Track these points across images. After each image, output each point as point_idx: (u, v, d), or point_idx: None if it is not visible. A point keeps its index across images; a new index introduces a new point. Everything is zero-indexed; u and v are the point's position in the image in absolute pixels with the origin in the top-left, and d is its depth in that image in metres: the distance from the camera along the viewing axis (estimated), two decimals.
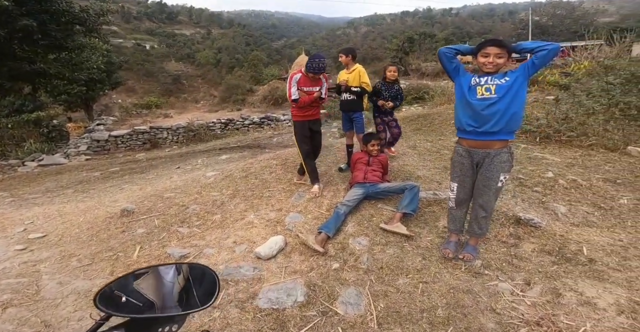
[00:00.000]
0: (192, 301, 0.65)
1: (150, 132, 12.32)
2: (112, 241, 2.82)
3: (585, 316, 1.72)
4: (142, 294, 0.61)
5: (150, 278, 0.64)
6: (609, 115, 5.35)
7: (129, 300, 0.59)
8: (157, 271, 0.66)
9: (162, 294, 0.64)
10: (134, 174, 6.31)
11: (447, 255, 2.27)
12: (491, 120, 1.94)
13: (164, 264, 0.67)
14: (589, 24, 26.85)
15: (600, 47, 10.91)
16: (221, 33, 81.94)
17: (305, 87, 3.20)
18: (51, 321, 1.91)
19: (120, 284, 0.60)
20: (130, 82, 34.01)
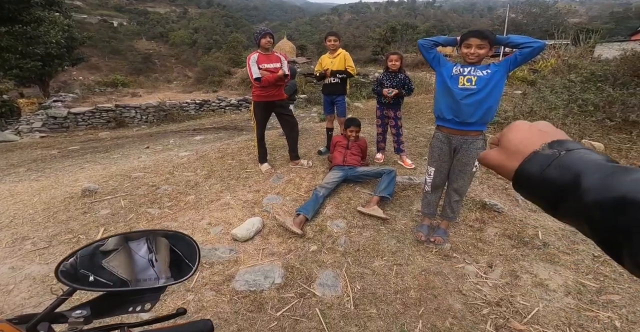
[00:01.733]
0: (169, 275, 0.59)
1: (115, 110, 11.52)
2: (72, 222, 2.61)
3: (538, 297, 1.85)
4: (113, 272, 0.54)
5: (121, 255, 0.57)
6: (568, 110, 5.71)
7: (98, 279, 0.52)
8: (128, 247, 0.58)
9: (135, 270, 0.56)
10: (96, 153, 5.87)
11: (420, 238, 2.34)
12: (468, 111, 2.00)
13: (133, 232, 0.59)
14: (560, 24, 28.21)
15: (567, 47, 11.52)
16: (199, 13, 77.47)
17: (265, 64, 3.13)
18: (3, 308, 1.75)
19: (85, 263, 0.52)
20: (94, 60, 31.47)
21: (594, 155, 0.33)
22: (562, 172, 0.33)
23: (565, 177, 0.32)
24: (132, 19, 61.28)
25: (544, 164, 0.34)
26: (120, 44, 39.67)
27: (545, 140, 0.36)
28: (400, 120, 3.53)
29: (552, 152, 0.34)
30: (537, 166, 0.35)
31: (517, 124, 0.40)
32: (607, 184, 0.29)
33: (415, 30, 37.57)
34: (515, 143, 0.38)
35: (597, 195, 0.29)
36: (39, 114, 10.97)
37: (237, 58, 27.14)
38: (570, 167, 0.32)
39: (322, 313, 1.74)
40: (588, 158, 0.32)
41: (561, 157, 0.34)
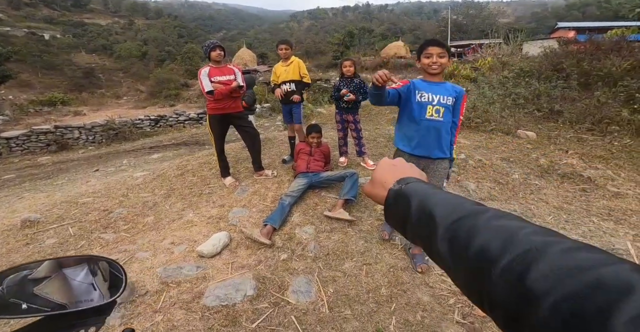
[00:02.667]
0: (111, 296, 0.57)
1: (55, 132, 10.47)
2: (14, 255, 2.35)
3: None
4: (48, 298, 0.51)
5: (55, 282, 0.54)
6: (504, 104, 6.33)
7: (32, 306, 0.49)
8: (62, 274, 0.55)
9: (73, 295, 0.54)
10: (36, 181, 5.31)
11: (384, 237, 2.44)
12: (431, 141, 1.96)
13: (36, 261, 0.56)
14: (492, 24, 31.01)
15: (500, 45, 12.75)
16: (147, 24, 73.69)
17: (218, 77, 3.08)
18: None
19: (14, 292, 0.49)
20: (25, 76, 28.44)
21: (419, 185, 0.45)
22: (402, 200, 0.44)
23: (403, 204, 0.43)
24: (66, 31, 56.47)
25: (394, 196, 0.46)
26: (55, 58, 36.24)
27: (396, 177, 0.48)
28: (359, 123, 3.66)
29: (398, 187, 0.46)
30: (391, 199, 0.46)
31: (380, 162, 0.54)
32: (421, 207, 0.40)
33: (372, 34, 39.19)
34: (377, 177, 0.51)
35: (416, 218, 0.40)
36: None
37: (193, 69, 26.25)
38: (405, 196, 0.43)
39: (298, 320, 1.74)
40: (415, 188, 0.44)
41: (402, 189, 0.45)
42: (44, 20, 59.16)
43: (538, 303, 0.24)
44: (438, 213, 0.38)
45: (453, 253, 0.34)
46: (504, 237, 0.30)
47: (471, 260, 0.32)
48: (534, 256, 0.27)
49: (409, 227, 0.42)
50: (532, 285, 0.25)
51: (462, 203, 0.38)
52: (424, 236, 0.39)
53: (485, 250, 0.31)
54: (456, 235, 0.34)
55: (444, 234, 0.36)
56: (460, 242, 0.33)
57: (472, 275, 0.32)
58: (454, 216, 0.36)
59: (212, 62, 3.13)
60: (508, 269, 0.28)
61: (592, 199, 3.08)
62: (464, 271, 0.33)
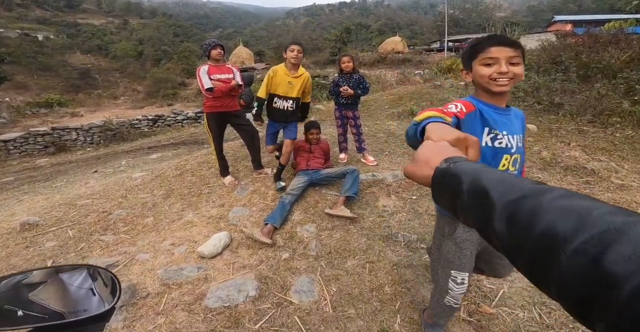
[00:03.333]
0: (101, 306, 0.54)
1: (53, 133, 10.44)
2: (14, 258, 2.33)
3: (502, 280, 1.97)
4: (44, 305, 0.49)
5: (51, 287, 0.51)
6: None
7: (28, 313, 0.46)
8: (59, 279, 0.53)
9: (71, 301, 0.52)
10: (35, 183, 5.27)
11: None
12: None
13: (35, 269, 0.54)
14: (489, 18, 30.92)
15: None
16: (142, 23, 73.21)
17: (217, 75, 3.07)
18: None
19: (9, 297, 0.47)
20: (20, 78, 28.25)
21: (469, 164, 0.43)
22: (451, 180, 0.42)
23: (453, 183, 0.42)
24: (60, 31, 56.08)
25: (441, 175, 0.45)
26: (49, 59, 36.01)
27: (442, 156, 0.47)
28: (359, 119, 3.63)
29: (446, 166, 0.45)
30: (438, 178, 0.45)
31: (424, 143, 0.53)
32: (474, 185, 0.39)
33: (369, 30, 39.02)
34: (421, 157, 0.50)
35: (469, 198, 0.39)
36: None
37: (190, 68, 26.15)
38: (455, 175, 0.42)
39: (301, 320, 1.72)
40: (465, 166, 0.43)
41: (450, 168, 0.44)
42: (36, 21, 58.70)
43: (617, 288, 0.22)
44: (494, 192, 0.36)
45: (513, 233, 0.32)
46: (576, 217, 0.28)
47: (536, 241, 0.29)
48: (612, 236, 0.25)
49: (460, 207, 0.40)
50: (610, 268, 0.23)
51: (522, 181, 0.36)
52: (477, 216, 0.38)
53: (552, 230, 0.28)
54: (517, 214, 0.32)
55: (502, 213, 0.34)
56: (522, 222, 0.31)
57: (536, 257, 0.29)
58: (513, 194, 0.34)
59: (211, 61, 3.12)
60: (582, 251, 0.25)
61: (596, 191, 3.05)
62: (526, 252, 0.30)
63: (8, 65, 22.12)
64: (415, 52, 23.26)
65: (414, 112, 6.40)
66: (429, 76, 11.20)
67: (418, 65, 17.05)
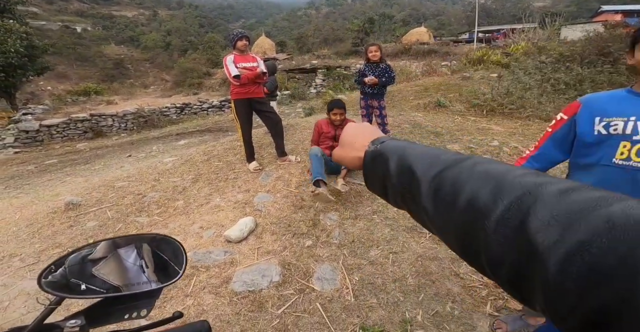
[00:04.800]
0: (160, 280, 0.58)
1: (91, 119, 11.09)
2: (59, 237, 2.52)
3: None
4: (104, 280, 0.53)
5: (111, 263, 0.55)
6: (542, 89, 5.96)
7: (90, 287, 0.50)
8: (117, 255, 0.57)
9: (127, 276, 0.55)
10: (76, 166, 5.66)
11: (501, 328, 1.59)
12: None
13: (119, 237, 0.58)
14: (526, 8, 28.96)
15: (535, 30, 11.92)
16: (170, 14, 75.25)
17: (243, 63, 3.21)
18: (2, 325, 1.71)
19: (75, 272, 0.51)
20: (61, 68, 30.08)
21: (394, 142, 0.41)
22: (380, 161, 0.40)
23: (381, 165, 0.39)
24: (96, 23, 58.86)
25: (371, 158, 0.42)
26: (87, 51, 38.03)
27: (367, 137, 0.45)
28: (384, 109, 3.55)
29: (374, 147, 0.42)
30: (368, 161, 0.42)
31: (347, 125, 0.51)
32: (400, 164, 0.36)
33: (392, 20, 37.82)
34: (345, 139, 0.48)
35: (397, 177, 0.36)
36: (9, 128, 10.44)
37: (215, 58, 26.62)
38: (382, 156, 0.40)
39: (323, 307, 1.75)
40: (391, 145, 0.40)
41: (378, 149, 0.41)
42: (75, 13, 61.76)
43: (545, 258, 0.21)
44: (419, 168, 0.34)
45: (440, 210, 0.30)
46: (492, 184, 0.26)
47: (460, 215, 0.28)
48: (528, 201, 0.23)
49: (390, 189, 0.38)
50: (534, 237, 0.22)
51: (443, 154, 0.34)
52: (406, 196, 0.35)
53: (473, 201, 0.27)
54: (440, 188, 0.31)
55: (428, 189, 0.32)
56: (446, 197, 0.30)
57: (464, 233, 0.27)
58: (436, 168, 0.32)
59: (236, 51, 3.27)
60: (502, 221, 0.24)
61: None
62: (454, 229, 0.29)
63: (51, 56, 23.53)
64: (442, 43, 22.23)
65: (441, 104, 6.16)
66: (457, 68, 10.69)
67: (445, 56, 16.30)
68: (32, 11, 41.38)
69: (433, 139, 4.15)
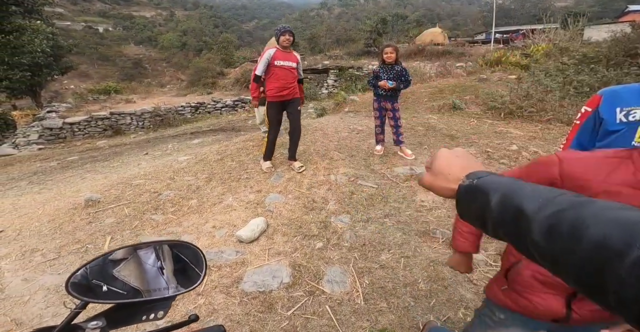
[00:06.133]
0: (179, 284, 0.59)
1: (111, 118, 11.48)
2: (79, 232, 2.61)
3: None
4: (125, 281, 0.54)
5: (131, 264, 0.57)
6: (564, 92, 5.74)
7: (111, 289, 0.52)
8: (137, 256, 0.58)
9: (146, 279, 0.57)
10: (96, 163, 5.86)
11: None
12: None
13: (141, 244, 0.59)
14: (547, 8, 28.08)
15: (556, 31, 11.53)
16: (186, 15, 76.90)
17: (281, 61, 3.09)
18: (22, 318, 1.77)
19: (96, 273, 0.53)
20: (84, 67, 31.23)
21: (495, 178, 0.42)
22: (477, 196, 0.41)
23: (480, 200, 0.41)
24: (117, 24, 60.79)
25: (466, 193, 0.44)
26: (108, 50, 39.38)
27: (463, 170, 0.46)
28: (398, 112, 3.52)
29: (469, 182, 0.44)
30: (463, 195, 0.44)
31: (440, 152, 0.52)
32: (505, 201, 0.38)
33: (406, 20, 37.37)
34: (439, 169, 0.49)
35: (499, 213, 0.38)
36: (34, 125, 10.92)
37: (228, 58, 27.01)
38: (481, 191, 0.41)
39: (332, 310, 1.75)
40: (491, 181, 0.42)
41: (474, 184, 0.43)
42: (97, 14, 63.88)
43: None
44: (529, 207, 0.35)
45: (557, 247, 0.32)
46: (625, 229, 0.28)
47: (586, 254, 0.29)
48: None
49: (491, 224, 0.40)
50: None
51: (559, 195, 0.35)
52: (511, 231, 0.38)
53: (604, 242, 0.28)
54: (558, 228, 0.32)
55: (540, 227, 0.34)
56: (565, 235, 0.31)
57: (588, 270, 0.29)
58: (551, 208, 0.34)
59: (279, 46, 3.15)
60: (639, 265, 0.26)
61: None
62: (575, 267, 0.31)
63: (74, 55, 24.50)
64: (457, 43, 21.80)
65: (456, 106, 6.05)
66: (473, 69, 10.46)
67: (460, 57, 15.99)
68: (58, 12, 43.14)
69: (448, 142, 4.08)
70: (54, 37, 16.06)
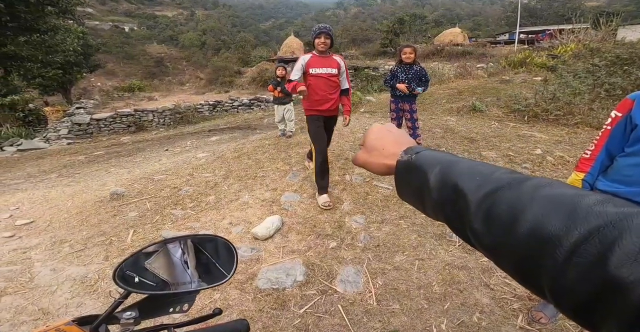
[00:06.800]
0: (206, 277, 0.62)
1: (134, 114, 11.92)
2: (104, 225, 2.74)
3: None
4: (155, 273, 0.58)
5: (161, 257, 0.60)
6: (594, 95, 5.49)
7: (142, 280, 0.56)
8: (166, 249, 0.62)
9: (174, 272, 0.60)
10: (120, 157, 6.11)
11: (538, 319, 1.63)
12: None
13: (173, 239, 0.63)
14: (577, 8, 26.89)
15: (587, 31, 11.03)
16: (205, 14, 78.61)
17: (317, 69, 2.64)
18: (49, 308, 1.84)
19: (131, 264, 0.56)
20: (110, 65, 32.50)
21: (433, 154, 0.39)
22: (416, 174, 0.39)
23: (418, 178, 0.38)
24: (141, 23, 62.95)
25: (404, 170, 0.41)
26: (133, 49, 40.76)
27: (398, 146, 0.43)
28: (415, 113, 3.48)
29: (407, 157, 0.41)
30: (401, 172, 0.41)
31: (371, 128, 0.49)
32: (443, 179, 0.35)
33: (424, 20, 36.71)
34: (372, 144, 0.46)
35: (437, 189, 0.35)
36: (64, 121, 11.50)
37: (245, 58, 27.47)
38: (419, 169, 0.38)
39: (344, 309, 1.76)
40: (428, 156, 0.39)
41: (412, 160, 0.40)
42: (124, 13, 66.36)
43: (625, 293, 0.20)
44: (466, 185, 0.33)
45: (494, 232, 0.29)
46: (563, 211, 0.25)
47: (522, 239, 0.27)
48: (611, 234, 0.22)
49: (429, 203, 0.37)
50: (616, 272, 0.21)
51: (495, 171, 0.33)
52: (449, 212, 0.35)
53: (540, 227, 0.26)
54: (495, 210, 0.29)
55: (478, 209, 0.31)
56: (503, 219, 0.29)
57: (525, 257, 0.27)
58: (487, 187, 0.31)
59: (316, 51, 2.72)
60: (578, 252, 0.23)
61: None
62: (512, 252, 0.28)
63: (102, 54, 25.65)
64: (478, 44, 21.24)
65: (476, 108, 5.89)
66: (495, 70, 10.15)
67: (480, 58, 15.58)
68: (88, 12, 45.14)
69: (467, 145, 3.99)
70: (84, 36, 16.85)
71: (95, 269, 2.16)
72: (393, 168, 0.43)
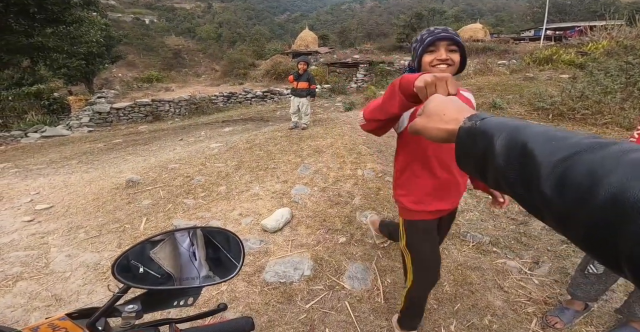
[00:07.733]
0: (217, 269, 0.59)
1: (152, 104, 12.16)
2: (119, 212, 2.80)
3: None
4: (160, 265, 0.55)
5: (167, 246, 0.58)
6: (627, 94, 5.19)
7: (147, 271, 0.54)
8: (173, 238, 0.59)
9: (179, 264, 0.58)
10: (137, 146, 6.25)
11: (553, 323, 1.60)
12: None
13: (181, 229, 0.60)
14: (611, 4, 25.37)
15: (621, 27, 10.41)
16: (222, 7, 78.99)
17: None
18: (62, 295, 1.87)
19: (136, 253, 0.54)
20: (131, 57, 33.27)
21: (500, 119, 0.37)
22: (480, 139, 0.37)
23: (482, 143, 0.36)
24: (161, 15, 64.04)
25: (467, 135, 0.39)
26: (152, 41, 41.53)
27: (460, 113, 0.42)
28: None
29: (471, 123, 0.39)
30: (463, 137, 0.39)
31: (432, 97, 0.49)
32: (511, 144, 0.33)
33: (443, 16, 35.58)
34: (433, 110, 0.46)
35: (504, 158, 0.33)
36: (86, 110, 11.85)
37: (260, 50, 27.55)
38: (484, 134, 0.36)
39: (351, 306, 1.73)
40: (496, 122, 0.37)
41: (477, 125, 0.38)
42: (145, 6, 67.56)
43: None
44: (538, 147, 0.31)
45: (568, 197, 0.27)
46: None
47: (601, 205, 0.25)
48: None
49: (491, 171, 0.35)
50: None
51: (573, 136, 0.30)
52: (514, 178, 0.32)
53: (625, 191, 0.23)
54: (571, 173, 0.27)
55: (550, 174, 0.29)
56: (580, 183, 0.26)
57: (602, 223, 0.25)
58: (564, 151, 0.29)
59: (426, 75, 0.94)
60: None
61: None
62: (587, 217, 0.26)
63: (123, 46, 26.25)
64: (500, 40, 20.43)
65: (496, 105, 5.67)
66: (518, 67, 9.73)
67: (502, 54, 14.97)
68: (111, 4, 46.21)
69: None
70: (107, 28, 17.24)
71: (108, 256, 2.19)
72: (453, 134, 0.41)
